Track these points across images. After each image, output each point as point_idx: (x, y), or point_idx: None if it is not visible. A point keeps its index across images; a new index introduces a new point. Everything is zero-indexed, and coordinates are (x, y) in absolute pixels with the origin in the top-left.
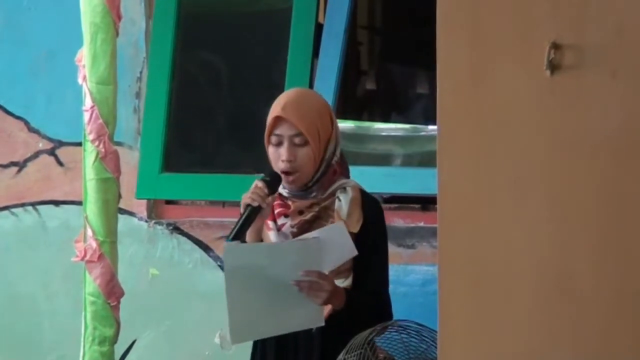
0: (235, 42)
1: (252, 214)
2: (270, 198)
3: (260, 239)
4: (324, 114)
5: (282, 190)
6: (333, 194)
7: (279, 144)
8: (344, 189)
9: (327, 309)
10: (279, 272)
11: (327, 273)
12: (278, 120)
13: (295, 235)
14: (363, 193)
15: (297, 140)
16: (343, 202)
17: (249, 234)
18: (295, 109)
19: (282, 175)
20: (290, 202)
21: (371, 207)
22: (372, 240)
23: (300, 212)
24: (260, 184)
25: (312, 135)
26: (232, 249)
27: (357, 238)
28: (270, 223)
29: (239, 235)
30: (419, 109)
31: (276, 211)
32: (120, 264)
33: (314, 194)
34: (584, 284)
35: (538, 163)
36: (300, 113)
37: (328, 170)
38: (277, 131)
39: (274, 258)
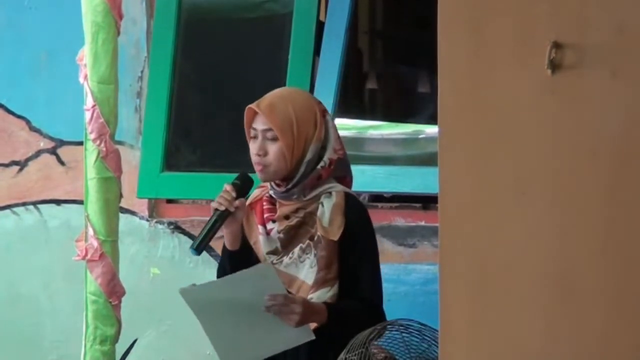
0: (236, 41)
1: (219, 219)
2: (238, 202)
3: (239, 242)
4: (306, 113)
5: (270, 191)
6: (319, 197)
7: (254, 137)
8: (329, 193)
9: (312, 324)
10: (245, 301)
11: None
12: (253, 113)
13: (282, 240)
14: (348, 198)
15: (269, 135)
16: (325, 209)
17: (228, 240)
18: (270, 104)
19: (255, 168)
20: (277, 205)
21: (355, 213)
22: (358, 247)
23: (287, 217)
24: (228, 187)
25: (282, 131)
26: (189, 292)
27: (340, 245)
28: (259, 227)
29: (204, 240)
30: (420, 108)
31: (265, 215)
32: (122, 263)
33: (295, 195)
34: (585, 282)
35: (539, 162)
36: (273, 108)
37: (311, 173)
38: (254, 125)
39: (232, 290)
